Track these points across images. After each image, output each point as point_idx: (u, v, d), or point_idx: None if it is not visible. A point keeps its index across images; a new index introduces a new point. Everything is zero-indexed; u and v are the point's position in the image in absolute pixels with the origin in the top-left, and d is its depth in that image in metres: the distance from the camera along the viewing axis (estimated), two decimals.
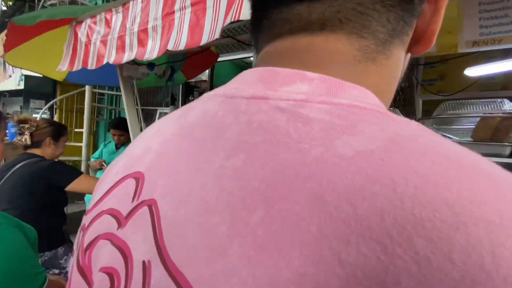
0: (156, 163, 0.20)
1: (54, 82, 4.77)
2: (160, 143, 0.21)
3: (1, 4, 4.38)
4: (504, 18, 0.86)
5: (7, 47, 1.77)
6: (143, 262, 0.16)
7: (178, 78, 2.47)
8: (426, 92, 2.31)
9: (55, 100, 4.31)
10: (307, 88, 0.18)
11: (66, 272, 1.57)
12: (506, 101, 0.86)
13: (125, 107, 1.80)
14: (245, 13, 0.89)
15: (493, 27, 0.86)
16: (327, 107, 0.17)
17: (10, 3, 4.65)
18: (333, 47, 0.19)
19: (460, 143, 0.94)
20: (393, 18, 0.20)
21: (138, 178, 0.20)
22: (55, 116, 4.50)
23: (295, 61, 0.20)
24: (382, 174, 0.13)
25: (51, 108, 4.38)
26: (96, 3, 4.34)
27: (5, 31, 1.72)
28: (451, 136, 1.06)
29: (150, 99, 4.57)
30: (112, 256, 0.18)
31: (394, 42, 0.21)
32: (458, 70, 1.91)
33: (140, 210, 0.18)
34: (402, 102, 1.72)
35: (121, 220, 0.19)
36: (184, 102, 4.56)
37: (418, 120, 1.03)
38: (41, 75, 4.02)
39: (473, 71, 1.32)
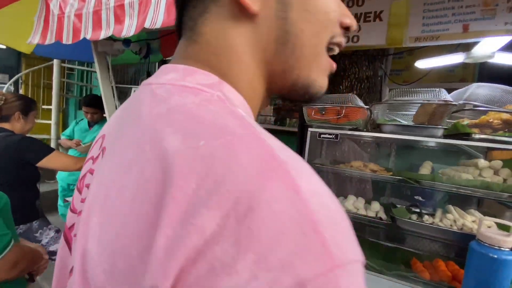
0: (109, 128, 0.34)
1: (19, 54, 4.43)
2: (113, 116, 0.35)
3: None
4: (444, 17, 0.99)
5: None
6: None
7: (154, 55, 2.44)
8: (393, 81, 2.50)
9: (20, 74, 4.05)
10: (174, 75, 0.28)
11: (42, 246, 1.59)
12: (443, 90, 1.01)
13: (100, 84, 1.79)
14: None
15: (433, 25, 1.00)
16: (170, 87, 0.27)
17: None
18: (180, 44, 0.32)
19: (405, 126, 1.08)
20: (186, 10, 0.30)
21: (103, 137, 0.34)
22: (21, 91, 4.24)
23: (176, 56, 0.31)
24: (161, 123, 0.24)
25: (16, 83, 4.11)
26: None
27: None
28: (400, 120, 1.22)
29: (125, 77, 4.42)
30: (89, 179, 0.31)
31: (198, 23, 0.29)
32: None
33: (100, 153, 0.31)
34: (367, 90, 1.87)
35: (94, 160, 0.33)
36: None
37: (371, 106, 1.17)
38: (4, 47, 3.75)
39: (422, 64, 1.48)
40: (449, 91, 1.13)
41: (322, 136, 1.12)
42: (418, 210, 1.15)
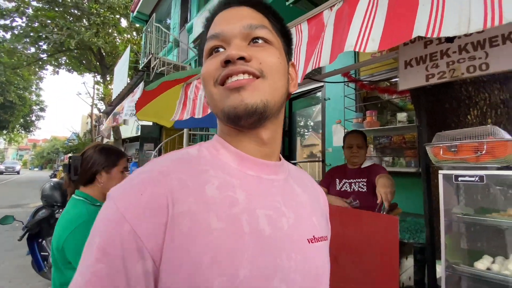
0: None
1: (160, 128, 5.90)
2: None
3: (127, 78, 5.76)
4: None
5: (137, 108, 2.38)
6: None
7: None
8: None
9: (162, 143, 5.27)
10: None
11: None
12: None
13: None
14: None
15: None
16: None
17: (131, 74, 6.20)
18: None
19: None
20: None
21: None
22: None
23: None
24: None
25: (159, 150, 5.37)
26: (190, 64, 5.30)
27: (133, 95, 2.28)
28: None
29: None
30: None
31: None
32: None
33: None
34: (506, 116, 1.52)
35: None
36: None
37: None
38: (151, 123, 4.97)
39: None
40: None
41: (460, 179, 0.95)
42: None
